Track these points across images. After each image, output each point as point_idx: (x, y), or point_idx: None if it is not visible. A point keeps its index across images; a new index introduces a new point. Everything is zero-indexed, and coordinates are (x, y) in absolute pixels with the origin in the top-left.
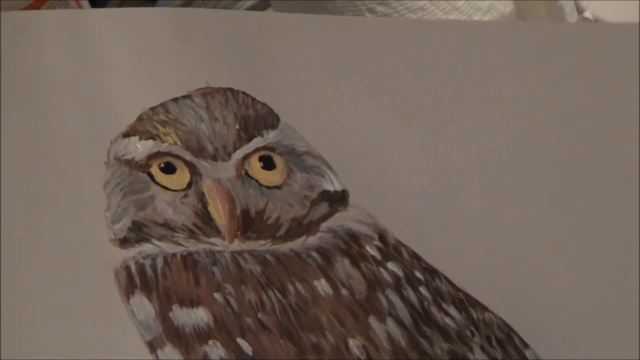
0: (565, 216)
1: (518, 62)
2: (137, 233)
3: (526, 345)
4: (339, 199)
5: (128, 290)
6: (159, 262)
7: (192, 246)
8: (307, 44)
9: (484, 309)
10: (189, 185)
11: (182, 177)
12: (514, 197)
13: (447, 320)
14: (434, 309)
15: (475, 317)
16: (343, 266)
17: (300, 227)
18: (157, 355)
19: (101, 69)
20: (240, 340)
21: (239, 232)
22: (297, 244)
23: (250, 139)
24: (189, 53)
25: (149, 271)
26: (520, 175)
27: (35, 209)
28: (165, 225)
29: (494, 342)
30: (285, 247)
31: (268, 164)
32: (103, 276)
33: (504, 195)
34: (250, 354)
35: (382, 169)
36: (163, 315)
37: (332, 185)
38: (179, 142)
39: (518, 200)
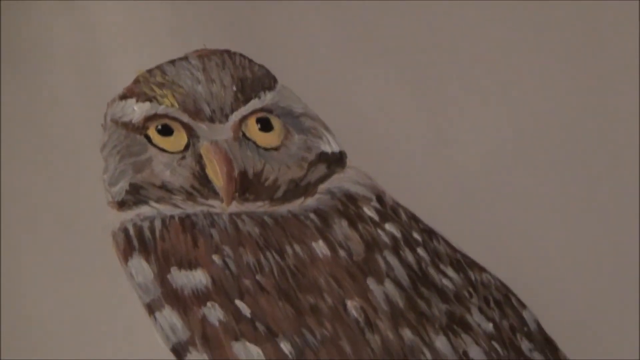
0: (564, 177)
1: (512, 18)
2: (134, 195)
3: (523, 306)
4: (336, 161)
5: (126, 252)
6: (157, 224)
7: (190, 208)
8: (306, 6)
9: (482, 269)
10: (187, 147)
11: (179, 139)
12: (511, 158)
13: (445, 281)
14: (431, 270)
15: (473, 278)
16: (341, 228)
17: (298, 189)
18: (155, 317)
19: (97, 31)
20: (238, 302)
21: (237, 194)
22: (295, 205)
23: (247, 100)
24: (185, 14)
25: (147, 233)
26: (519, 136)
27: (34, 172)
28: (163, 187)
29: (492, 303)
30: (283, 208)
31: (265, 125)
32: (101, 239)
33: (501, 157)
34: (249, 315)
35: (380, 131)
36: (161, 277)
37: (330, 146)
38: (176, 104)
39: (516, 161)
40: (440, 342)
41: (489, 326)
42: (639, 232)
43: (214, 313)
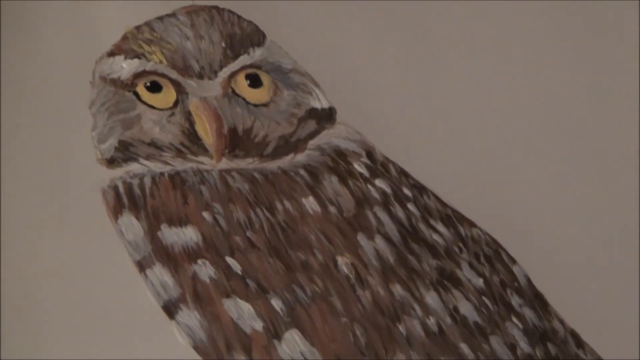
0: (555, 129)
1: None
2: (124, 152)
3: (514, 261)
4: (326, 117)
5: (116, 209)
6: (147, 181)
7: (179, 165)
8: None
9: (472, 224)
10: (176, 104)
11: (168, 95)
12: (502, 112)
13: (435, 236)
14: (422, 226)
15: (463, 233)
16: (331, 184)
17: (288, 145)
18: (146, 275)
19: None
20: (229, 259)
21: (227, 151)
22: (285, 162)
23: (236, 56)
24: None
25: (137, 190)
26: (510, 89)
27: (23, 130)
28: (152, 144)
29: (482, 259)
30: (273, 165)
31: (255, 81)
32: (91, 196)
33: (491, 111)
34: (240, 272)
35: (370, 87)
36: (152, 234)
37: (319, 102)
38: (164, 61)
39: (506, 115)
40: (431, 298)
41: (479, 281)
42: (634, 184)
43: (205, 270)
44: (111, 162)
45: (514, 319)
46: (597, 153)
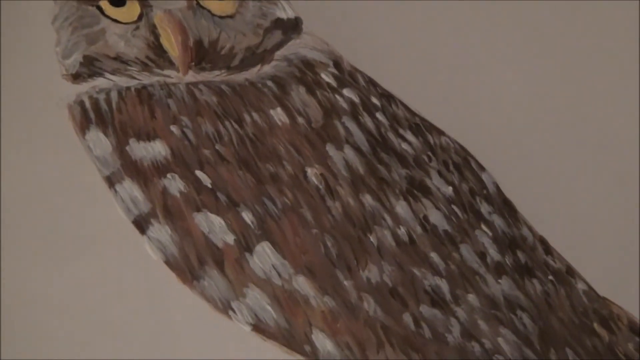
0: (527, 35)
1: None
2: (89, 68)
3: (482, 169)
4: (292, 27)
5: (83, 125)
6: (113, 96)
7: (146, 79)
8: None
9: (441, 133)
10: (140, 17)
11: (132, 9)
12: (469, 21)
13: (405, 145)
14: (391, 135)
15: (432, 141)
16: (299, 94)
17: (255, 57)
18: (115, 190)
19: None
20: (198, 173)
21: (193, 63)
22: (252, 73)
23: None
24: None
25: (104, 105)
26: None
27: None
28: (118, 58)
29: (451, 167)
30: (240, 77)
31: None
32: (57, 112)
33: (460, 17)
34: (210, 186)
35: None
36: (120, 149)
37: (285, 12)
38: None
39: (474, 23)
40: (401, 207)
41: (449, 190)
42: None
43: (175, 184)
44: (76, 78)
45: (484, 227)
46: (571, 52)
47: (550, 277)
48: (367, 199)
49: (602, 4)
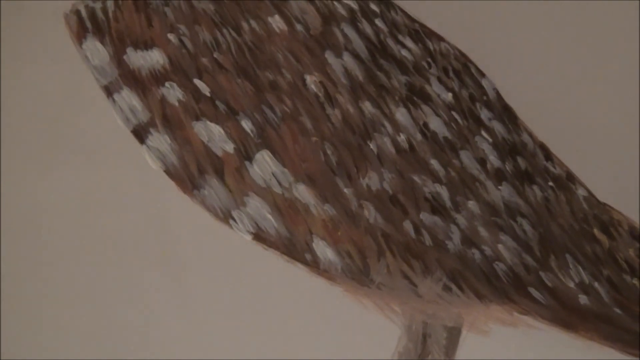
0: None
1: None
2: None
3: (482, 75)
4: None
5: (80, 35)
6: (110, 4)
7: None
8: None
9: (440, 39)
10: None
11: None
12: None
13: (404, 52)
14: (390, 42)
15: (431, 48)
16: (297, 1)
17: None
18: (114, 99)
19: None
20: (197, 81)
21: None
22: None
23: None
24: None
25: (100, 14)
26: None
27: None
28: None
29: (451, 73)
30: None
31: None
32: (53, 22)
33: None
34: (208, 94)
35: None
36: (117, 58)
37: None
38: None
39: None
40: (401, 114)
41: (449, 96)
42: None
43: (173, 93)
44: None
45: (484, 133)
46: None
47: (551, 183)
48: (367, 106)
49: None
